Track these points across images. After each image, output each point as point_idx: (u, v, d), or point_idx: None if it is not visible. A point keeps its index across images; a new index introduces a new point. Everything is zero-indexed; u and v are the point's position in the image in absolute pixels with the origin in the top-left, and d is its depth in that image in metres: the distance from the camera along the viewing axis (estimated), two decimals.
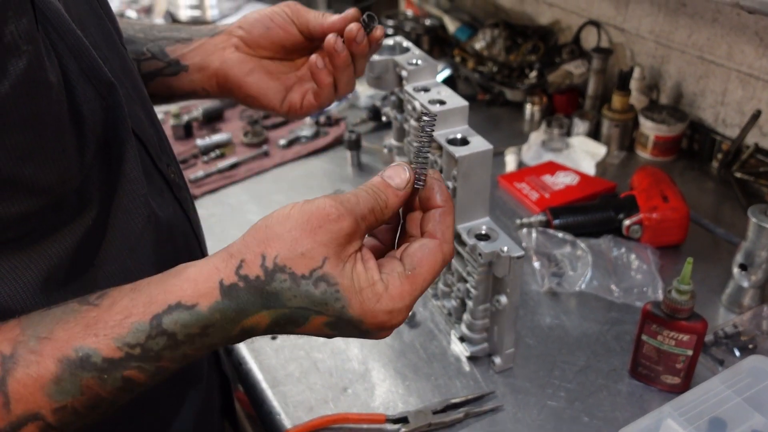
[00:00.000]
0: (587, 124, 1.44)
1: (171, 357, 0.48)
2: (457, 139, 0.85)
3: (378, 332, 0.51)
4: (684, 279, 0.81)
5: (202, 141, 1.45)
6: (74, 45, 0.53)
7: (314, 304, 0.48)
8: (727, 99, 1.33)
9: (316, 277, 0.47)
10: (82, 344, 0.46)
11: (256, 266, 0.47)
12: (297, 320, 0.49)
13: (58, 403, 0.45)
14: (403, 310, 0.50)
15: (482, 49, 1.65)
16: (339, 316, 0.49)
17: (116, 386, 0.47)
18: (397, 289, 0.50)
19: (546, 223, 1.17)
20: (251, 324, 0.48)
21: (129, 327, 0.46)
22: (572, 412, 0.86)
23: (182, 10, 2.03)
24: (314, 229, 0.48)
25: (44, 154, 0.49)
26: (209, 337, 0.48)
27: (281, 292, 0.47)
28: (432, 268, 0.51)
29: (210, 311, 0.47)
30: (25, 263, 0.51)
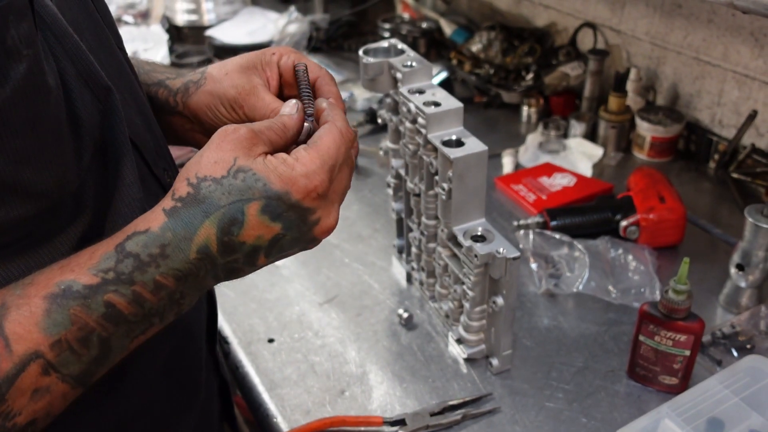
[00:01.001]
0: (584, 125, 1.44)
1: (143, 281, 0.51)
2: (452, 141, 0.85)
3: (313, 207, 0.55)
4: (681, 279, 0.81)
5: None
6: (71, 49, 0.53)
7: (241, 193, 0.52)
8: (724, 100, 1.33)
9: (233, 172, 0.53)
10: (62, 279, 0.49)
11: (184, 187, 0.53)
12: (236, 217, 0.52)
13: (53, 337, 0.47)
14: (317, 171, 0.55)
15: (479, 52, 1.65)
16: (266, 195, 0.53)
17: (100, 312, 0.49)
18: (305, 156, 0.55)
19: (543, 225, 1.17)
20: (202, 240, 0.52)
21: (99, 257, 0.50)
22: (570, 414, 0.86)
23: (179, 15, 2.03)
24: (218, 143, 0.54)
25: (43, 158, 0.49)
26: (169, 258, 0.51)
27: (210, 194, 0.52)
28: (332, 139, 0.57)
29: (161, 230, 0.52)
30: (22, 270, 0.51)
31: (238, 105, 0.70)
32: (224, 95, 0.71)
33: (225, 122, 0.72)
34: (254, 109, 0.69)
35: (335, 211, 0.58)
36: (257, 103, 0.69)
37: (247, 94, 0.70)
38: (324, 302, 1.06)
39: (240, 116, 0.71)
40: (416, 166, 0.95)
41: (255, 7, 2.15)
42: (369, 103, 1.61)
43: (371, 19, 2.06)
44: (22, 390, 0.47)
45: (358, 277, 1.12)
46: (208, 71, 0.74)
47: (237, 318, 1.04)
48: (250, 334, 1.01)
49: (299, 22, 1.94)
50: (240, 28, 2.00)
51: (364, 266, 1.14)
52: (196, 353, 0.76)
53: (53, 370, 0.48)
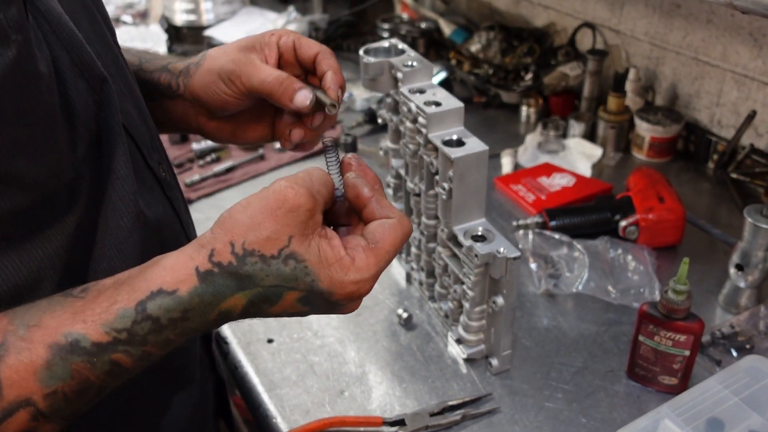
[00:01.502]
0: (583, 125, 1.45)
1: (155, 341, 0.50)
2: (452, 141, 0.85)
3: (348, 303, 0.54)
4: (680, 279, 0.81)
5: (197, 145, 1.45)
6: (67, 38, 0.53)
7: (286, 281, 0.51)
8: (723, 100, 1.33)
9: (284, 255, 0.50)
10: (71, 330, 0.47)
11: (227, 253, 0.50)
12: (271, 298, 0.51)
13: (49, 389, 0.46)
14: (369, 280, 0.53)
15: (478, 52, 1.65)
16: (310, 290, 0.51)
17: (104, 370, 0.48)
18: (362, 261, 0.53)
19: (542, 225, 1.17)
20: (228, 307, 0.51)
21: (115, 313, 0.48)
22: (570, 414, 0.86)
23: (178, 15, 2.03)
24: (274, 211, 0.50)
25: (36, 148, 0.48)
26: (189, 321, 0.50)
27: (254, 273, 0.50)
28: (394, 240, 0.54)
29: (189, 296, 0.50)
30: (15, 263, 0.51)
31: (236, 76, 0.70)
32: (222, 70, 0.71)
33: (225, 99, 0.72)
34: (250, 76, 0.69)
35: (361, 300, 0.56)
36: (253, 71, 0.69)
37: (244, 64, 0.70)
38: None
39: (238, 88, 0.71)
40: (416, 165, 0.95)
41: (254, 7, 2.15)
42: (368, 103, 1.61)
43: (370, 19, 2.06)
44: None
45: None
46: (208, 52, 0.75)
47: None
48: (249, 334, 1.01)
49: (298, 22, 1.94)
50: (239, 28, 2.00)
51: None
52: (190, 351, 0.76)
53: (43, 417, 0.47)
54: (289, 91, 0.68)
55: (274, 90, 0.69)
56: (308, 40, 0.72)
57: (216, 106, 0.75)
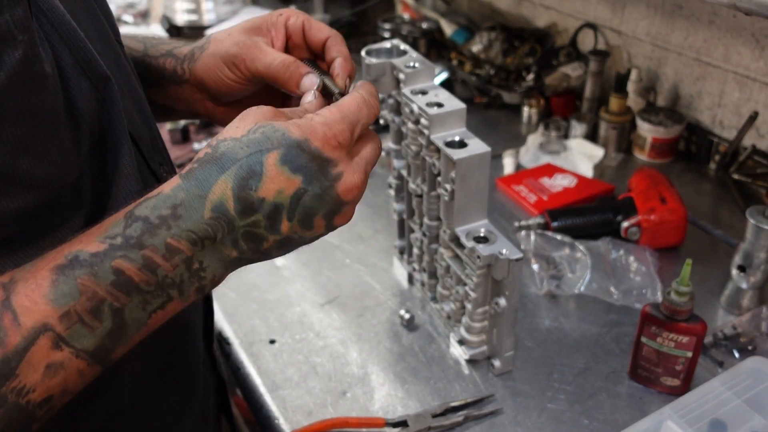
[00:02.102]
0: (585, 126, 1.45)
1: (153, 245, 0.49)
2: (455, 142, 0.85)
3: (337, 161, 0.53)
4: (683, 280, 0.81)
5: (199, 145, 1.45)
6: (69, 37, 0.53)
7: (259, 144, 0.51)
8: (724, 101, 1.33)
9: (252, 130, 0.52)
10: (69, 250, 0.48)
11: (204, 150, 0.53)
12: (254, 168, 0.50)
13: (62, 309, 0.46)
14: (337, 121, 0.54)
15: (479, 52, 1.65)
16: (285, 144, 0.51)
17: (109, 280, 0.47)
18: (325, 110, 0.55)
19: (544, 226, 1.17)
20: (217, 197, 0.50)
21: (107, 226, 0.49)
22: (572, 415, 0.86)
23: (179, 14, 2.03)
24: (243, 116, 0.54)
25: (42, 147, 0.48)
26: (182, 219, 0.50)
27: (228, 150, 0.51)
28: (353, 99, 0.57)
29: (173, 191, 0.50)
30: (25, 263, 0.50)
31: (240, 60, 0.69)
32: (226, 53, 0.70)
33: (229, 84, 0.71)
34: (255, 60, 0.68)
35: (360, 172, 0.55)
36: (258, 54, 0.68)
37: (248, 48, 0.69)
38: (325, 303, 1.06)
39: (243, 72, 0.70)
40: (418, 167, 0.95)
41: (255, 7, 2.15)
42: None
43: (371, 19, 2.06)
44: (33, 365, 0.45)
45: (359, 278, 1.12)
46: (213, 35, 0.73)
47: (238, 319, 1.04)
48: (252, 335, 1.01)
49: None
50: None
51: (365, 267, 1.14)
52: (194, 351, 0.76)
53: (64, 344, 0.46)
54: (295, 77, 0.67)
55: (280, 75, 0.68)
56: (318, 23, 0.71)
57: (220, 91, 0.74)
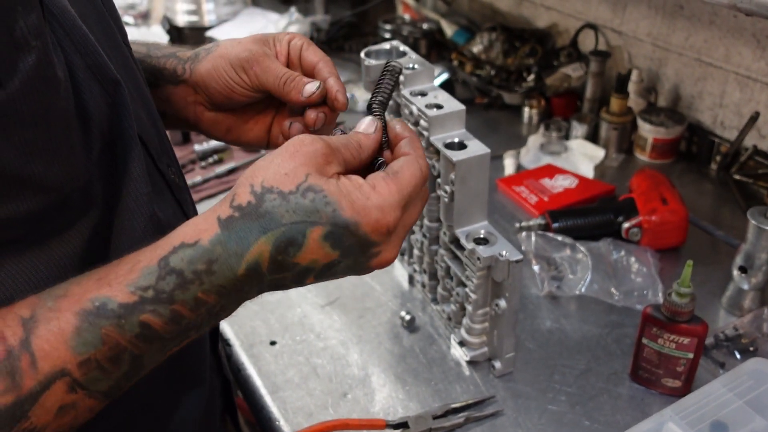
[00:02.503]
0: (585, 127, 1.44)
1: (183, 299, 0.49)
2: (454, 143, 0.85)
3: (380, 243, 0.52)
4: (684, 282, 0.81)
5: (200, 146, 1.45)
6: (80, 41, 0.53)
7: (307, 214, 0.50)
8: (725, 101, 1.32)
9: (302, 189, 0.50)
10: (97, 294, 0.47)
11: (246, 194, 0.50)
12: (296, 238, 0.50)
13: (81, 356, 0.46)
14: (394, 206, 0.52)
15: (480, 53, 1.65)
16: (333, 222, 0.50)
17: (134, 333, 0.47)
18: (383, 187, 0.52)
19: (545, 227, 1.16)
20: (254, 257, 0.50)
21: (139, 272, 0.48)
22: (573, 417, 0.86)
23: (179, 15, 2.03)
24: (292, 153, 0.52)
25: (52, 151, 0.48)
26: (215, 275, 0.49)
27: (273, 210, 0.49)
28: (413, 173, 0.54)
29: (212, 244, 0.49)
30: (34, 264, 0.51)
31: (250, 65, 0.70)
32: (236, 57, 0.70)
33: (233, 86, 0.72)
34: (267, 70, 0.69)
35: (398, 246, 0.55)
36: (270, 64, 0.69)
37: (261, 56, 0.69)
38: (326, 304, 1.06)
39: (250, 79, 0.70)
40: None
41: (255, 8, 2.15)
42: None
43: (372, 19, 2.06)
44: (46, 408, 0.45)
45: (359, 279, 1.12)
46: (222, 41, 0.74)
47: (239, 320, 1.03)
48: (252, 336, 1.01)
49: (300, 23, 1.94)
50: (241, 29, 1.99)
51: None
52: (201, 353, 0.76)
53: (80, 387, 0.47)
54: (299, 86, 0.68)
55: (285, 85, 0.68)
56: (315, 48, 0.72)
57: (220, 94, 0.74)
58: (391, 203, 0.52)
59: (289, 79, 0.68)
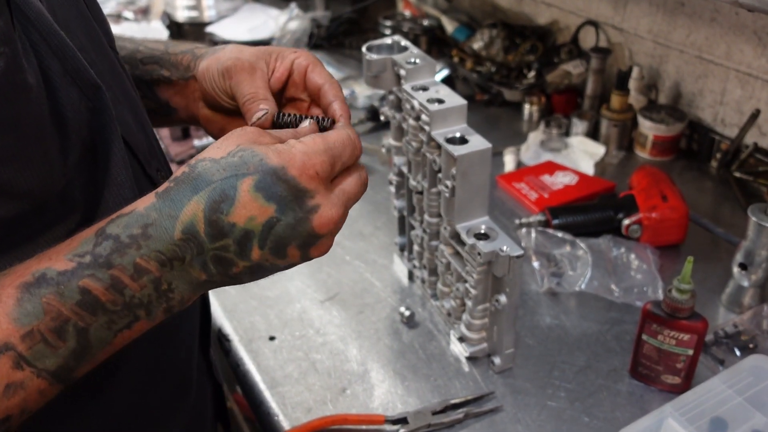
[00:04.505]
0: (586, 124, 1.44)
1: (122, 264, 0.48)
2: (455, 138, 0.84)
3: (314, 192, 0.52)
4: (685, 278, 0.81)
5: (199, 142, 1.44)
6: (57, 46, 0.52)
7: (236, 168, 0.50)
8: (726, 98, 1.32)
9: (232, 152, 0.52)
10: (38, 267, 0.47)
11: (182, 169, 0.52)
12: (227, 193, 0.50)
13: (24, 328, 0.45)
14: (318, 152, 0.53)
15: (480, 50, 1.64)
16: (261, 170, 0.50)
17: (75, 300, 0.47)
18: (308, 138, 0.54)
19: (545, 223, 1.16)
20: (188, 218, 0.49)
21: (77, 243, 0.49)
22: (572, 413, 0.86)
23: (179, 11, 2.02)
24: (227, 136, 0.54)
25: (25, 158, 0.48)
26: (152, 239, 0.49)
27: (204, 171, 0.51)
28: (339, 133, 0.56)
29: (146, 210, 0.50)
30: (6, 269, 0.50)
31: (229, 75, 0.69)
32: (224, 63, 0.70)
33: (216, 91, 0.72)
34: (239, 84, 0.68)
35: (338, 207, 0.54)
36: (243, 81, 0.68)
37: (242, 70, 0.69)
38: (325, 300, 1.06)
39: (225, 87, 0.70)
40: (419, 163, 0.95)
41: (256, 4, 2.14)
42: (370, 101, 1.61)
43: (372, 16, 2.05)
44: None
45: (359, 274, 1.11)
46: (229, 45, 0.74)
47: (238, 315, 1.03)
48: (251, 331, 1.01)
49: (300, 19, 1.94)
50: (240, 25, 1.99)
51: (365, 264, 1.14)
52: (186, 355, 0.75)
53: (26, 363, 0.46)
54: (253, 109, 0.66)
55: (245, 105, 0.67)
56: (322, 70, 0.70)
57: (208, 95, 0.74)
58: (316, 150, 0.53)
59: (248, 101, 0.67)
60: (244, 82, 0.68)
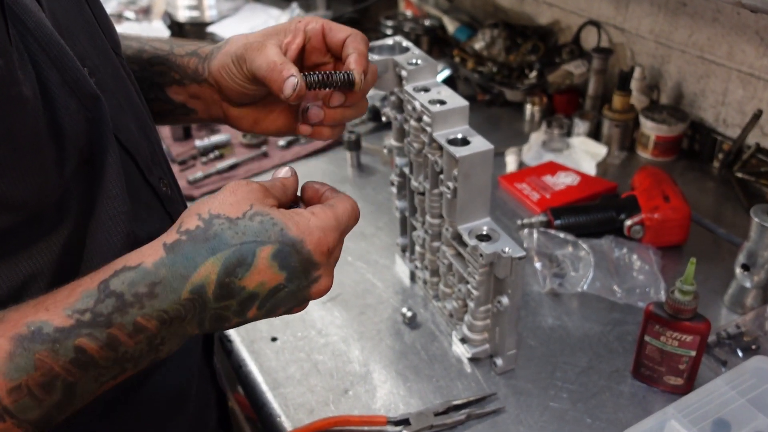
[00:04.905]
0: (588, 124, 1.44)
1: (121, 323, 0.47)
2: (457, 139, 0.84)
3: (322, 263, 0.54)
4: (687, 279, 0.81)
5: (201, 142, 1.44)
6: (57, 56, 0.51)
7: (256, 234, 0.51)
8: (728, 99, 1.32)
9: (249, 215, 0.52)
10: (34, 319, 0.46)
11: (194, 221, 0.51)
12: (245, 258, 0.50)
13: (12, 382, 0.44)
14: (332, 228, 0.55)
15: (482, 50, 1.64)
16: (281, 240, 0.51)
17: (68, 357, 0.46)
18: (321, 212, 0.55)
19: (547, 224, 1.16)
20: (200, 279, 0.49)
21: (78, 295, 0.47)
22: (575, 414, 0.86)
23: (181, 11, 2.02)
24: (233, 190, 0.54)
25: (19, 170, 0.47)
26: (157, 298, 0.48)
27: (222, 232, 0.50)
28: (345, 207, 0.57)
29: (155, 267, 0.48)
30: None
31: (243, 60, 0.69)
32: (235, 53, 0.70)
33: (237, 82, 0.71)
34: (253, 61, 0.67)
35: (332, 275, 0.57)
36: (255, 55, 0.67)
37: (251, 48, 0.68)
38: (327, 300, 1.06)
39: (244, 72, 0.69)
40: (421, 164, 0.94)
41: (257, 4, 2.14)
42: (372, 101, 1.60)
43: (373, 16, 2.05)
44: None
45: (361, 275, 1.11)
46: (232, 37, 0.73)
47: None
48: (253, 332, 1.00)
49: None
50: (242, 25, 1.99)
51: (367, 265, 1.14)
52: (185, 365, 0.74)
53: (9, 415, 0.45)
54: (278, 79, 0.65)
55: (267, 76, 0.66)
56: (338, 25, 0.70)
57: (231, 91, 0.73)
58: (331, 225, 0.54)
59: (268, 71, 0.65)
60: (260, 58, 0.67)
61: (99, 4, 0.68)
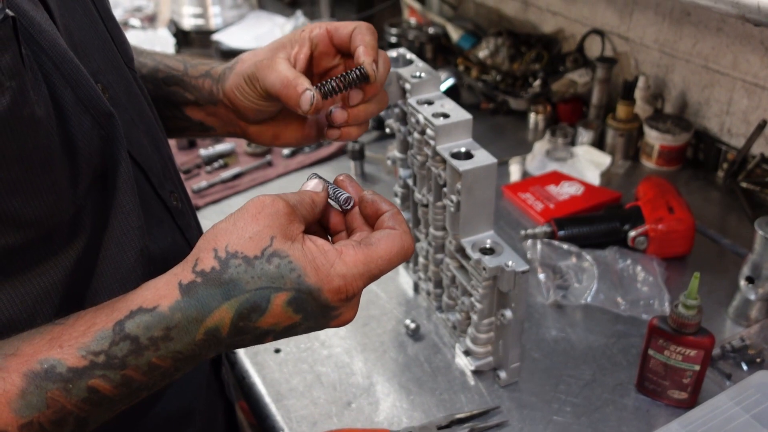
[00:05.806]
0: (592, 133, 1.44)
1: (136, 365, 0.47)
2: (461, 153, 0.84)
3: (340, 307, 0.52)
4: (691, 294, 0.81)
5: (205, 151, 1.45)
6: (70, 74, 0.52)
7: (272, 281, 0.49)
8: (733, 108, 1.32)
9: (268, 254, 0.49)
10: (47, 356, 0.46)
11: (210, 259, 0.49)
12: (259, 304, 0.49)
13: (24, 419, 0.44)
14: (356, 277, 0.51)
15: (486, 58, 1.64)
16: (298, 288, 0.49)
17: (81, 397, 0.46)
18: (350, 255, 0.51)
19: (551, 234, 1.16)
20: (214, 323, 0.48)
21: (93, 335, 0.47)
22: (578, 428, 0.86)
23: (186, 19, 2.03)
24: (255, 215, 0.50)
25: (32, 189, 0.48)
26: (173, 341, 0.48)
27: (238, 277, 0.48)
28: (389, 247, 0.52)
29: (171, 311, 0.48)
30: (10, 296, 0.49)
31: (256, 78, 0.69)
32: (246, 72, 0.70)
33: (251, 100, 0.71)
34: (265, 79, 0.67)
35: (357, 306, 0.54)
36: (267, 72, 0.67)
37: (262, 66, 0.68)
38: None
39: (258, 91, 0.69)
40: (424, 177, 0.95)
41: (262, 12, 2.15)
42: None
43: (378, 23, 2.05)
44: None
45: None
46: (241, 56, 0.73)
47: None
48: None
49: None
50: (247, 33, 2.00)
51: None
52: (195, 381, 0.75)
53: None
54: (293, 95, 0.65)
55: (282, 93, 0.66)
56: (343, 23, 0.69)
57: (246, 110, 0.73)
58: (354, 274, 0.51)
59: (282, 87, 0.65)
60: (272, 75, 0.67)
61: (113, 18, 0.68)
